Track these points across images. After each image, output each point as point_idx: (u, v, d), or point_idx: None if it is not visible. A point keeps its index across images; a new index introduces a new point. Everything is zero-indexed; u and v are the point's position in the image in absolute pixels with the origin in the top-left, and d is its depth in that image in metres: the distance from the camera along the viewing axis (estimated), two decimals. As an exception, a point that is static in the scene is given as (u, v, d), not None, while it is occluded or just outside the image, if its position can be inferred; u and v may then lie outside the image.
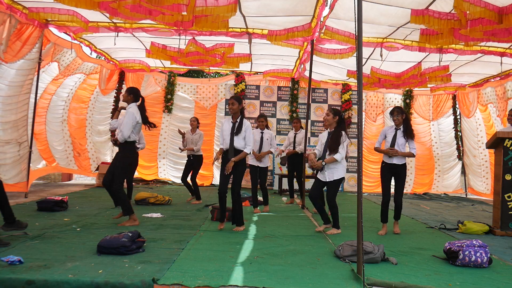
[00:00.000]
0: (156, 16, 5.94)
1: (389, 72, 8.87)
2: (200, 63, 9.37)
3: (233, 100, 5.22)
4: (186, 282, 3.17)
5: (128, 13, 5.82)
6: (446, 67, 8.71)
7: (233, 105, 5.20)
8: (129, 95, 5.63)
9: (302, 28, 7.12)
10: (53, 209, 6.30)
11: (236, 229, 5.34)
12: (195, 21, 6.22)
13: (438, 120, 12.46)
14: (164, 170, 12.02)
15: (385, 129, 5.64)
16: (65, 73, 9.29)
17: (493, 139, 5.90)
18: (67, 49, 8.70)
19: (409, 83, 9.57)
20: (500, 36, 5.87)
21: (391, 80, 9.15)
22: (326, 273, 3.56)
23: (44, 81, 8.96)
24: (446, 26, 5.83)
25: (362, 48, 3.59)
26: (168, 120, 12.05)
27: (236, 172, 5.22)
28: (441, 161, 12.44)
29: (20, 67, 7.30)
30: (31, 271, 3.29)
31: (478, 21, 5.55)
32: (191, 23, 6.22)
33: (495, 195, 5.90)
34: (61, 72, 9.10)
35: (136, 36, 8.75)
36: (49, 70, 8.84)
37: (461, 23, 5.70)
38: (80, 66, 9.63)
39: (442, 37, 6.36)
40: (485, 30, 5.66)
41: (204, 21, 6.21)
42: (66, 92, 10.10)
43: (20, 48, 7.08)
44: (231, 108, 5.23)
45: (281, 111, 11.86)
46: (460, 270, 3.87)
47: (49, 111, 9.56)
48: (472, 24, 5.63)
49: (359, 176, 3.57)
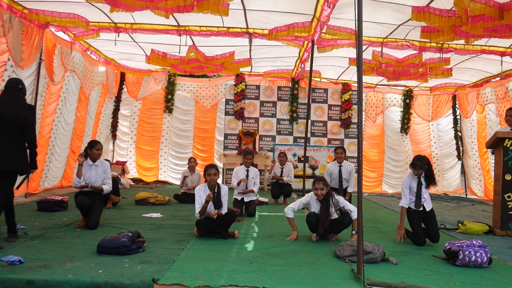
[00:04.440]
0: (158, 2, 5.84)
1: (390, 56, 8.83)
2: (201, 70, 9.42)
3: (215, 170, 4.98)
4: (186, 282, 3.17)
5: (129, 1, 5.74)
6: (447, 59, 8.67)
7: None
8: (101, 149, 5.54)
9: (302, 25, 7.10)
10: (53, 209, 6.30)
11: None
12: (197, 5, 6.15)
13: (437, 120, 12.48)
14: (165, 172, 12.03)
15: (407, 180, 5.03)
16: (87, 86, 9.39)
17: (493, 139, 5.89)
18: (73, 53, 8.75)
19: (409, 73, 9.48)
20: (501, 32, 5.84)
21: (392, 65, 9.08)
22: (326, 273, 3.56)
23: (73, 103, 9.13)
24: (447, 23, 5.82)
25: (362, 47, 3.58)
26: (169, 121, 12.06)
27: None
28: (440, 161, 12.45)
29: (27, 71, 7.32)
30: (31, 271, 3.29)
31: (479, 17, 5.52)
32: (192, 7, 6.14)
33: (495, 195, 5.89)
34: (84, 87, 9.21)
35: (137, 42, 8.77)
36: (71, 88, 8.88)
37: (462, 20, 5.69)
38: (94, 75, 9.71)
39: (443, 34, 6.34)
40: (486, 26, 5.64)
41: (206, 4, 6.15)
42: (93, 111, 10.20)
43: (31, 52, 7.15)
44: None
45: (281, 111, 11.87)
46: (460, 270, 3.87)
47: None
48: (473, 21, 5.61)
49: (359, 176, 3.57)
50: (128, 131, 11.98)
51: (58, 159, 8.97)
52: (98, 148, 5.45)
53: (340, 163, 6.99)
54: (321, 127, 11.96)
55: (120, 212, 6.59)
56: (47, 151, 8.47)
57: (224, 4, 6.07)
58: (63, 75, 8.42)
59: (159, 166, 12.02)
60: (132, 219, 6.01)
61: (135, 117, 12.04)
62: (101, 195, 5.50)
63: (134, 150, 11.99)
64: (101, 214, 5.40)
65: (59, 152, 8.97)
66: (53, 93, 8.18)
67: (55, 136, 8.68)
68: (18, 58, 6.81)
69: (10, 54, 6.66)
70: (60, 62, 8.21)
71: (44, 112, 7.96)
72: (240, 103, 11.66)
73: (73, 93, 9.05)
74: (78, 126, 9.57)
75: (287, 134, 11.86)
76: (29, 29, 7.11)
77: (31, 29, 7.18)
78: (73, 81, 8.96)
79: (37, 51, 7.43)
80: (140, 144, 11.97)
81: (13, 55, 6.71)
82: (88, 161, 5.40)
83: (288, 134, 11.85)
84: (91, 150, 5.42)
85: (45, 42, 7.65)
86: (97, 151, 5.42)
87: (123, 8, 6.05)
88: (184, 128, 12.09)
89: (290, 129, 11.87)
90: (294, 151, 11.21)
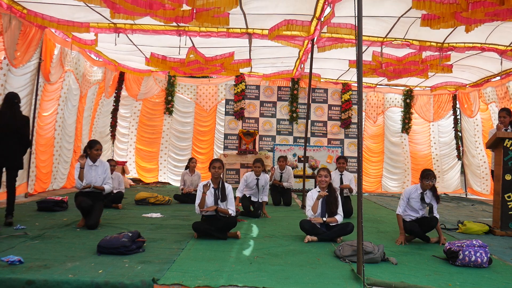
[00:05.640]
0: (156, 10, 5.87)
1: (390, 55, 8.83)
2: (200, 71, 9.43)
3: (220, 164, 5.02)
4: (186, 282, 3.17)
5: (128, 7, 5.76)
6: (447, 55, 8.65)
7: (220, 168, 4.98)
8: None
9: (301, 23, 7.08)
10: (53, 209, 6.30)
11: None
12: (196, 16, 6.16)
13: (438, 121, 12.48)
14: (165, 173, 12.03)
15: (409, 192, 5.00)
16: (84, 85, 9.36)
17: (493, 139, 5.89)
18: (74, 53, 8.74)
19: (410, 70, 9.46)
20: (502, 16, 5.79)
21: (392, 64, 9.08)
22: (326, 273, 3.56)
23: (74, 102, 9.14)
24: (448, 10, 5.80)
25: (362, 47, 3.58)
26: (169, 123, 12.06)
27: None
28: (440, 161, 12.45)
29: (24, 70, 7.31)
30: (31, 271, 3.29)
31: (480, 3, 5.51)
32: (191, 18, 6.15)
33: (495, 195, 5.89)
34: (81, 86, 9.18)
35: (136, 45, 8.77)
36: (71, 88, 8.87)
37: (462, 7, 5.67)
38: (92, 74, 9.70)
39: (444, 20, 6.31)
40: (486, 11, 5.62)
41: (205, 15, 6.14)
42: (90, 108, 10.15)
43: (26, 51, 7.13)
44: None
45: (281, 111, 11.87)
46: (460, 270, 3.87)
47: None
48: (474, 7, 5.60)
49: (359, 176, 3.57)
50: (127, 132, 11.97)
51: (66, 160, 9.08)
52: (98, 148, 5.43)
53: (341, 172, 7.10)
54: (321, 127, 11.96)
55: (120, 212, 6.59)
56: (54, 152, 8.56)
57: (224, 14, 6.08)
58: (61, 75, 8.39)
59: (159, 167, 12.01)
60: (132, 219, 6.01)
61: (135, 117, 12.04)
62: (101, 196, 5.50)
63: (134, 150, 11.99)
64: (101, 214, 5.40)
65: (66, 153, 9.05)
66: (49, 91, 8.13)
67: (61, 137, 8.74)
68: (12, 57, 6.79)
69: (6, 53, 6.65)
70: (58, 62, 8.21)
71: (41, 111, 7.95)
72: (240, 103, 11.66)
73: (73, 93, 9.06)
74: (78, 126, 9.60)
75: (287, 134, 11.86)
76: (27, 28, 7.10)
77: (30, 29, 7.16)
78: (72, 81, 8.95)
79: (34, 51, 7.39)
80: (140, 145, 11.97)
81: (8, 54, 6.70)
82: (88, 161, 5.40)
83: (288, 134, 11.85)
84: (91, 150, 5.41)
85: (44, 42, 7.66)
86: (97, 151, 5.41)
87: (124, 13, 6.07)
88: (184, 130, 12.09)
89: (290, 129, 11.87)
90: (294, 151, 11.20)
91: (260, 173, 6.82)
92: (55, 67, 8.07)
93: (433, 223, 4.90)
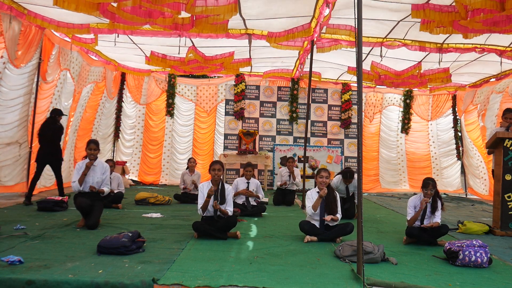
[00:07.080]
0: (156, 18, 5.88)
1: (389, 68, 8.84)
2: (200, 70, 9.42)
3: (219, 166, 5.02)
4: (186, 282, 3.17)
5: (128, 17, 5.76)
6: (446, 69, 8.69)
7: (219, 171, 4.96)
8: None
9: (302, 29, 7.12)
10: (53, 209, 6.30)
11: None
12: (195, 23, 6.18)
13: (437, 120, 12.49)
14: (167, 175, 12.00)
15: (414, 201, 5.03)
16: (80, 84, 9.34)
17: (493, 139, 5.89)
18: (73, 53, 8.72)
19: (409, 83, 9.54)
20: (501, 25, 5.77)
21: (391, 77, 9.11)
22: (326, 273, 3.56)
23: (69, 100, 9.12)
24: (447, 18, 5.81)
25: (361, 48, 3.58)
26: (171, 125, 12.05)
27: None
28: (438, 160, 12.45)
29: (23, 70, 7.32)
30: (31, 271, 3.29)
31: (479, 10, 5.49)
32: (191, 25, 6.17)
33: (495, 195, 5.89)
34: (76, 84, 9.15)
35: (136, 43, 8.76)
36: (66, 87, 8.86)
37: (461, 15, 5.67)
38: (89, 74, 9.67)
39: (443, 27, 6.34)
40: (485, 18, 5.61)
41: (204, 22, 6.17)
42: (81, 105, 10.07)
43: (27, 51, 7.14)
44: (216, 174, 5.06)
45: (281, 111, 11.87)
46: (460, 270, 3.87)
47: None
48: (473, 14, 5.59)
49: (359, 176, 3.57)
50: (133, 136, 11.94)
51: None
52: (91, 148, 5.37)
53: (348, 184, 6.99)
54: (321, 127, 11.96)
55: (120, 212, 6.59)
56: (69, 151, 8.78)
57: (223, 21, 6.08)
58: (58, 74, 8.33)
59: (161, 168, 11.99)
60: (132, 219, 6.01)
61: (140, 121, 12.02)
62: (100, 196, 5.50)
63: (140, 153, 11.93)
64: (101, 214, 5.40)
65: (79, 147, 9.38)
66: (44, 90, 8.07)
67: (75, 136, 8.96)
68: (13, 57, 6.80)
69: (7, 53, 6.67)
70: (56, 61, 8.17)
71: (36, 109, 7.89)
72: (240, 103, 11.66)
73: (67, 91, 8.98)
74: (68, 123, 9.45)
75: (287, 134, 11.86)
76: (27, 29, 7.10)
77: (30, 29, 7.17)
78: (68, 80, 8.89)
79: (34, 51, 7.40)
80: (146, 151, 11.93)
81: (9, 54, 6.71)
82: (86, 160, 5.40)
83: (288, 134, 11.85)
84: (86, 150, 5.43)
85: (44, 42, 7.65)
86: (90, 151, 5.37)
87: (123, 23, 6.05)
88: (184, 131, 12.09)
89: (290, 129, 11.87)
90: (294, 151, 11.21)
91: (250, 177, 7.04)
92: (52, 66, 8.05)
93: (443, 231, 4.87)
